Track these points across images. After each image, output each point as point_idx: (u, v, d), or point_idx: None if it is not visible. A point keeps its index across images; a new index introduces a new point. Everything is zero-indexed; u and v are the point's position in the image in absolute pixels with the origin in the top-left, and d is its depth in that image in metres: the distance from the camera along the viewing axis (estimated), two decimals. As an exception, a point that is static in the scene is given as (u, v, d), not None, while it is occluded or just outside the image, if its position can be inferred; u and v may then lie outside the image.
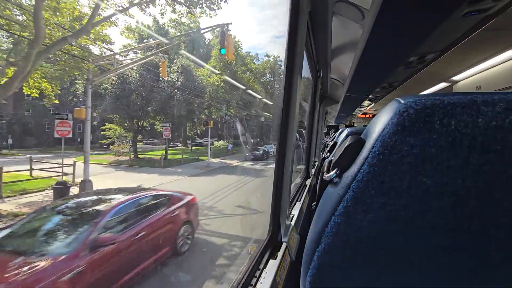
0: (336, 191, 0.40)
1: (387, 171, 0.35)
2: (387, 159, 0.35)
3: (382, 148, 0.36)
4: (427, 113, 0.34)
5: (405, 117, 0.35)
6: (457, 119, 0.33)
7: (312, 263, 0.41)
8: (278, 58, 32.03)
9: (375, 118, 0.40)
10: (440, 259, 0.35)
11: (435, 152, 0.34)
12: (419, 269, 0.36)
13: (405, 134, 0.35)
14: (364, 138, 0.41)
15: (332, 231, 0.39)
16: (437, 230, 0.34)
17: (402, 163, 0.35)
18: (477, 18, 1.61)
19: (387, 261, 0.37)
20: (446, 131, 0.33)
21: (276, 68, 31.88)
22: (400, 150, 0.35)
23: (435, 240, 0.34)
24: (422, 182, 0.34)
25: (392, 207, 0.35)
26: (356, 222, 0.38)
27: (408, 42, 1.80)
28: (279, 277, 1.07)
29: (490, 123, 0.32)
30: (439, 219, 0.34)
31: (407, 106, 0.35)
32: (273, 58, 32.74)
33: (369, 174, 0.36)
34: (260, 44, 67.73)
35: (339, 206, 0.39)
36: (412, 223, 0.35)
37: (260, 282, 1.01)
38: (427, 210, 0.34)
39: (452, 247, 0.34)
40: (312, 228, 0.44)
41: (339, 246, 0.39)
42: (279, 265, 1.11)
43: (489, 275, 0.34)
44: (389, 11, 1.31)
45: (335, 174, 0.43)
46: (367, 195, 0.37)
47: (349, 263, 0.39)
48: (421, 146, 0.34)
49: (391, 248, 0.36)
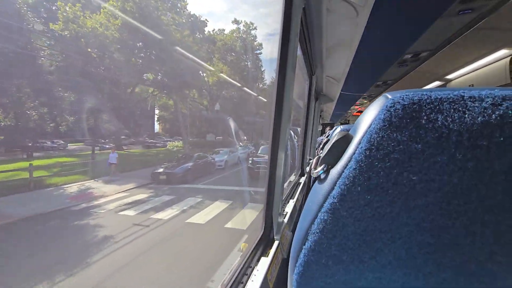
0: (323, 187, 0.40)
1: (373, 167, 0.35)
2: (373, 155, 0.35)
3: (369, 144, 0.35)
4: (414, 109, 0.34)
5: (392, 112, 0.35)
6: (444, 114, 0.33)
7: (298, 260, 0.41)
8: (251, 27, 21.20)
9: (363, 114, 0.40)
10: (425, 256, 0.34)
11: (422, 148, 0.33)
12: (405, 266, 0.35)
13: (392, 130, 0.34)
14: (352, 134, 0.40)
15: (319, 228, 0.39)
16: (423, 227, 0.34)
17: (389, 159, 0.34)
18: (470, 17, 1.62)
19: (373, 258, 0.37)
20: (433, 126, 0.33)
21: (249, 41, 21.45)
22: (387, 146, 0.34)
23: (420, 237, 0.34)
24: (408, 179, 0.34)
25: (378, 204, 0.35)
26: (342, 219, 0.37)
27: (401, 40, 1.81)
28: (270, 275, 1.07)
29: (476, 119, 0.32)
30: (424, 216, 0.34)
31: (394, 101, 0.35)
32: (245, 26, 21.30)
33: (356, 171, 0.36)
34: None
35: (326, 202, 0.38)
36: (397, 220, 0.35)
37: (251, 280, 1.01)
38: (413, 207, 0.34)
39: (437, 244, 0.34)
40: (299, 225, 0.44)
41: (325, 243, 0.38)
42: (270, 263, 1.11)
43: (474, 272, 0.34)
44: (383, 9, 1.30)
45: (322, 170, 0.42)
46: (353, 192, 0.36)
47: (335, 261, 0.38)
48: (408, 142, 0.34)
49: (376, 245, 0.36)
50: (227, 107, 20.63)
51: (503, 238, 0.32)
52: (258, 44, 22.99)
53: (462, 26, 1.80)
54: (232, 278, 1.03)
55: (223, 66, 19.83)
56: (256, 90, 22.65)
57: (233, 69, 20.19)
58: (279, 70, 1.29)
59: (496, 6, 1.51)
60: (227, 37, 21.10)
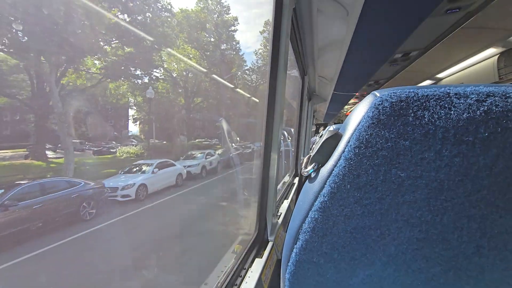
0: (313, 186, 0.40)
1: (362, 165, 0.35)
2: (362, 153, 0.35)
3: (358, 142, 0.35)
4: (401, 106, 0.34)
5: (380, 110, 0.35)
6: (431, 111, 0.33)
7: (290, 259, 0.41)
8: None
9: (352, 112, 0.40)
10: (414, 252, 0.35)
11: (409, 145, 0.33)
12: (395, 262, 0.36)
13: (380, 127, 0.34)
14: (341, 132, 0.40)
15: (310, 226, 0.39)
16: (411, 223, 0.34)
17: (377, 157, 0.34)
18: (458, 16, 1.65)
19: (363, 255, 0.37)
20: (420, 123, 0.33)
21: (224, 20, 14.71)
22: (375, 143, 0.34)
23: (409, 233, 0.34)
24: (396, 175, 0.34)
25: (367, 201, 0.35)
26: (332, 218, 0.37)
27: (392, 39, 1.83)
28: (264, 276, 1.07)
29: (462, 115, 0.32)
30: (413, 212, 0.34)
31: (382, 99, 0.35)
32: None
33: (345, 169, 0.36)
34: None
35: (316, 201, 0.38)
36: (386, 217, 0.35)
37: (245, 282, 1.00)
38: (401, 203, 0.34)
39: (426, 239, 0.34)
40: (291, 225, 0.44)
41: (316, 242, 0.38)
42: (265, 264, 1.10)
43: (462, 267, 0.34)
44: (372, 8, 1.32)
45: (313, 169, 0.42)
46: (343, 190, 0.36)
47: (327, 259, 0.38)
48: (396, 139, 0.34)
49: (366, 243, 0.36)
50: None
51: (489, 232, 0.33)
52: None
53: (450, 25, 1.83)
54: (225, 280, 1.02)
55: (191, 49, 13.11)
56: (238, 83, 16.21)
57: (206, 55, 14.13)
58: (270, 70, 1.29)
59: (482, 5, 1.55)
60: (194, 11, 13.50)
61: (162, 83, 12.09)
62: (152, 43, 9.91)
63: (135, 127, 11.60)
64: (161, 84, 11.99)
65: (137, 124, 11.24)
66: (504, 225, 0.32)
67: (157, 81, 11.69)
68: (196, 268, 3.75)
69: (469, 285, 0.34)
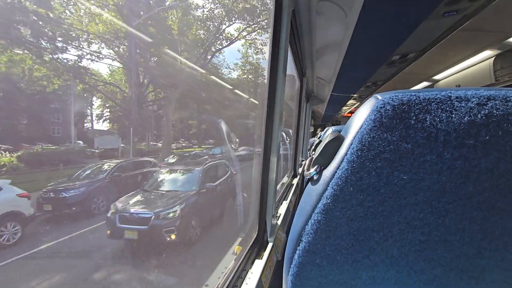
0: (316, 188, 0.40)
1: (365, 167, 0.35)
2: (365, 155, 0.35)
3: (361, 144, 0.36)
4: (403, 109, 0.34)
5: (382, 113, 0.35)
6: (432, 114, 0.33)
7: (293, 261, 0.41)
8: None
9: (354, 115, 0.40)
10: (417, 253, 0.35)
11: (411, 148, 0.34)
12: (397, 264, 0.36)
13: (383, 130, 0.35)
14: (343, 135, 0.40)
15: (313, 229, 0.39)
16: (414, 225, 0.34)
17: (380, 159, 0.35)
18: (455, 18, 1.66)
19: (366, 257, 0.37)
20: (422, 126, 0.33)
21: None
22: (378, 146, 0.35)
23: (411, 235, 0.35)
24: (399, 178, 0.34)
25: (370, 203, 0.35)
26: (335, 220, 0.37)
27: (389, 41, 1.84)
28: (265, 277, 1.07)
29: (463, 118, 0.32)
30: (415, 214, 0.34)
31: (384, 102, 0.35)
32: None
33: (348, 171, 0.36)
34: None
35: (319, 203, 0.38)
36: (389, 219, 0.35)
37: (245, 283, 1.00)
38: (403, 206, 0.34)
39: (428, 241, 0.34)
40: (293, 227, 0.44)
41: (319, 244, 0.39)
42: (265, 265, 1.10)
43: (464, 268, 0.34)
44: (370, 11, 1.33)
45: (315, 171, 0.42)
46: (346, 192, 0.36)
47: (330, 261, 0.38)
48: (398, 142, 0.34)
49: (369, 245, 0.36)
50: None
51: (491, 234, 0.33)
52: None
53: (447, 27, 1.85)
54: (226, 281, 1.02)
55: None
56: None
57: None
58: (270, 71, 1.29)
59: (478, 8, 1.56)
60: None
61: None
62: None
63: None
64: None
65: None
66: (505, 227, 0.33)
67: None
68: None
69: (470, 286, 0.35)
